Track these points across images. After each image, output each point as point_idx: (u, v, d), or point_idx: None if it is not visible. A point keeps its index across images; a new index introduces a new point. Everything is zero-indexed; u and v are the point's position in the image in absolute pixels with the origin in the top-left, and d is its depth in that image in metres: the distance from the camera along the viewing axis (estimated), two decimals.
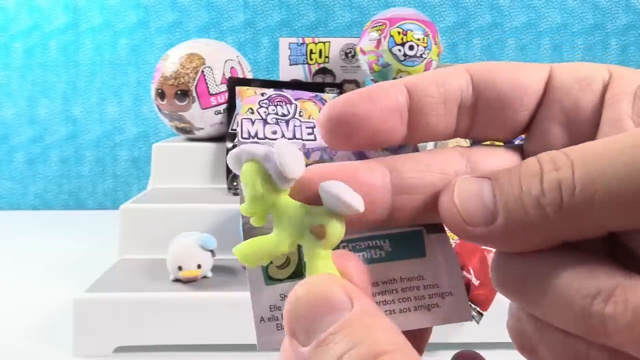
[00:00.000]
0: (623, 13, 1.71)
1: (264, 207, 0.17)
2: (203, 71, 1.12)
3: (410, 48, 1.05)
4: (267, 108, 0.22)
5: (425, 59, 1.06)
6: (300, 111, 0.22)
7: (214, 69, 1.13)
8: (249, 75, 1.22)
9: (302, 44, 1.23)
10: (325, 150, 0.20)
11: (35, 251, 1.27)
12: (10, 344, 0.84)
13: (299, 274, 0.18)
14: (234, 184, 1.08)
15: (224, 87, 1.14)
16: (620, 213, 0.14)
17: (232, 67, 1.17)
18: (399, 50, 1.05)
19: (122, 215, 0.99)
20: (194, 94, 1.12)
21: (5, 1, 1.67)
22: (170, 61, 1.14)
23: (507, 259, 0.17)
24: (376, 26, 1.09)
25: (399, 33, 1.06)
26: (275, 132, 0.21)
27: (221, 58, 1.16)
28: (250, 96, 0.22)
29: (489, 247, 0.17)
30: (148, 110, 1.70)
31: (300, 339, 0.14)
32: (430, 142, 0.22)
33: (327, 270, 0.16)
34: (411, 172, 0.17)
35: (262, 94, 0.22)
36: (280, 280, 0.18)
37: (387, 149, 0.19)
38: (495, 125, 0.18)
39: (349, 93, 0.18)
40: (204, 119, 1.13)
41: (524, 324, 0.18)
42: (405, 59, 1.06)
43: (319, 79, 1.23)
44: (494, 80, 0.18)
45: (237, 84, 1.16)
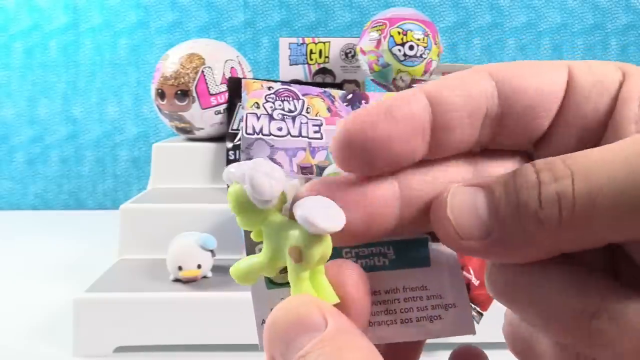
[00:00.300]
0: (623, 13, 1.71)
1: (255, 224, 0.17)
2: (203, 71, 1.12)
3: (410, 48, 1.05)
4: (274, 103, 0.21)
5: (425, 59, 1.06)
6: (307, 107, 0.21)
7: (214, 69, 1.13)
8: (249, 75, 1.22)
9: (302, 44, 1.23)
10: None
11: (35, 251, 1.27)
12: (10, 343, 0.84)
13: None
14: None
15: (224, 87, 1.14)
16: (620, 225, 0.14)
17: (232, 67, 1.17)
18: (399, 50, 1.05)
19: (122, 215, 0.99)
20: (194, 94, 1.12)
21: (5, 1, 1.67)
22: (170, 61, 1.14)
23: (500, 267, 0.16)
24: (376, 26, 1.09)
25: (399, 33, 1.06)
26: (280, 129, 0.21)
27: (221, 58, 1.16)
28: (257, 90, 0.21)
29: (482, 258, 0.17)
30: (148, 110, 1.70)
31: None
32: None
33: (308, 291, 0.16)
34: (420, 184, 0.17)
35: (269, 88, 0.21)
36: (281, 285, 0.18)
37: None
38: (517, 133, 0.17)
39: (365, 110, 0.16)
40: (204, 119, 1.13)
41: (519, 329, 0.18)
42: (405, 59, 1.06)
43: (319, 79, 1.23)
44: (520, 86, 0.16)
45: (237, 84, 1.16)
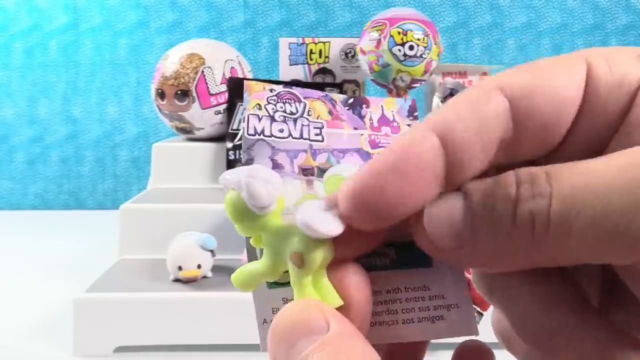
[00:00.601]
0: (623, 13, 1.71)
1: (254, 231, 0.16)
2: (203, 71, 1.12)
3: (410, 48, 1.05)
4: (276, 105, 0.21)
5: (425, 59, 1.06)
6: (309, 110, 0.22)
7: (214, 69, 1.13)
8: (249, 75, 1.22)
9: (302, 44, 1.23)
10: (332, 152, 0.20)
11: (35, 251, 1.27)
12: (11, 344, 0.84)
13: None
14: None
15: (224, 87, 1.14)
16: (596, 249, 0.13)
17: (232, 67, 1.17)
18: (399, 50, 1.05)
19: (122, 215, 0.99)
20: (194, 94, 1.12)
21: (5, 1, 1.67)
22: (170, 61, 1.14)
23: (480, 274, 0.17)
24: (376, 26, 1.09)
25: (399, 33, 1.06)
26: (282, 130, 0.21)
27: (221, 58, 1.16)
28: (259, 91, 0.22)
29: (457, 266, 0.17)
30: (148, 110, 1.70)
31: None
32: None
33: (311, 295, 0.16)
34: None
35: (271, 90, 0.22)
36: (282, 285, 0.18)
37: None
38: (530, 150, 0.16)
39: (373, 168, 0.15)
40: (204, 119, 1.13)
41: (504, 323, 0.18)
42: (405, 59, 1.06)
43: (319, 79, 1.23)
44: (535, 103, 0.15)
45: (237, 84, 1.16)
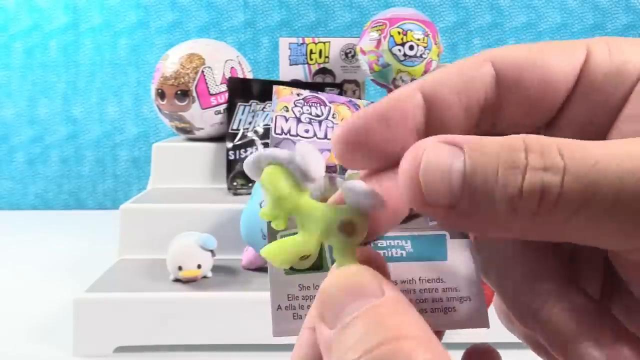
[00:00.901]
0: (623, 13, 1.71)
1: (287, 210, 0.17)
2: (203, 71, 1.12)
3: (410, 48, 1.05)
4: (302, 108, 0.22)
5: (425, 59, 1.06)
6: (334, 113, 0.22)
7: (214, 69, 1.13)
8: (249, 75, 1.22)
9: (302, 44, 1.23)
10: None
11: (35, 251, 1.27)
12: (11, 344, 0.84)
13: (319, 267, 0.19)
14: (234, 184, 1.08)
15: (224, 87, 1.14)
16: (598, 233, 0.13)
17: (232, 67, 1.17)
18: (399, 50, 1.05)
19: (122, 215, 0.99)
20: (194, 94, 1.12)
21: (5, 1, 1.67)
22: (170, 61, 1.14)
23: (477, 246, 0.18)
24: (376, 26, 1.09)
25: (399, 33, 1.06)
26: (307, 131, 0.22)
27: (221, 58, 1.16)
28: (287, 95, 0.22)
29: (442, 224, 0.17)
30: (148, 110, 1.70)
31: (328, 323, 0.14)
32: None
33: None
34: None
35: (298, 94, 0.22)
36: (300, 271, 0.19)
37: None
38: (517, 123, 0.17)
39: (362, 114, 0.16)
40: (204, 119, 1.13)
41: (504, 307, 0.19)
42: (405, 59, 1.06)
43: (319, 79, 1.23)
44: (521, 77, 0.16)
45: (237, 84, 1.16)
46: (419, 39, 1.06)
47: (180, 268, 0.84)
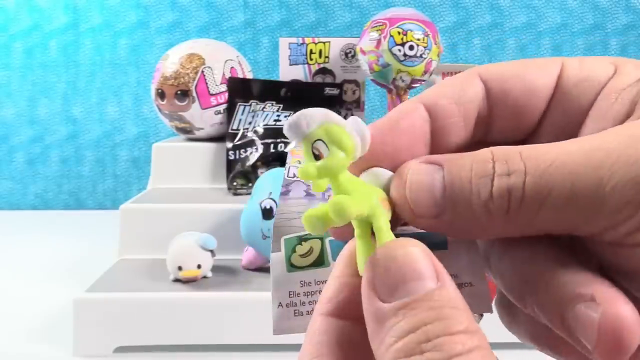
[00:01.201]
0: (623, 13, 1.71)
1: (338, 170, 0.16)
2: (203, 71, 1.12)
3: (410, 48, 1.05)
4: None
5: (425, 59, 1.06)
6: None
7: (214, 69, 1.13)
8: (249, 75, 1.22)
9: (302, 44, 1.23)
10: None
11: (35, 251, 1.27)
12: (11, 344, 0.84)
13: (320, 263, 0.19)
14: (234, 184, 1.08)
15: (224, 87, 1.14)
16: (562, 222, 0.15)
17: (232, 67, 1.17)
18: (399, 50, 1.05)
19: (122, 215, 0.99)
20: (194, 94, 1.12)
21: (5, 1, 1.67)
22: (170, 61, 1.14)
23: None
24: (376, 26, 1.09)
25: (399, 33, 1.06)
26: None
27: (221, 58, 1.16)
28: (300, 154, 0.22)
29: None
30: (148, 110, 1.70)
31: (381, 294, 0.15)
32: None
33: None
34: None
35: None
36: (301, 268, 0.19)
37: None
38: (507, 131, 0.19)
39: (376, 125, 0.18)
40: (204, 119, 1.13)
41: (502, 295, 0.20)
42: (405, 59, 1.06)
43: (319, 79, 1.23)
44: (507, 88, 0.18)
45: (237, 84, 1.16)
46: (419, 39, 1.06)
47: (180, 268, 0.84)
